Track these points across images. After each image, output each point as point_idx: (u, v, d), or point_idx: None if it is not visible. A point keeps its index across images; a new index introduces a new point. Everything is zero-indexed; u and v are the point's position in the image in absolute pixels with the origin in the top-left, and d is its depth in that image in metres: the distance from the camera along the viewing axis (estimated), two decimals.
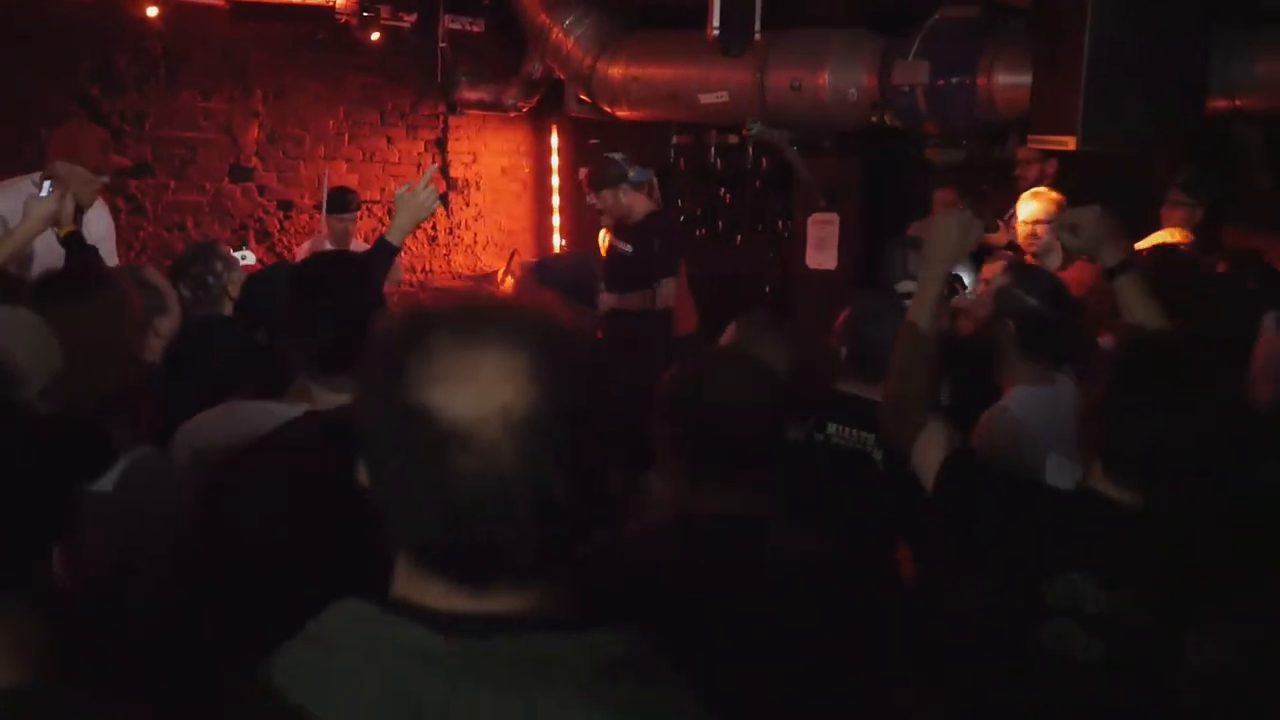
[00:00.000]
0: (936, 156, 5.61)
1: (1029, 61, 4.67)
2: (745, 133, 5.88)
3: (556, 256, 4.75)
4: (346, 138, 7.21)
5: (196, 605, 1.83)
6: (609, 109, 6.66)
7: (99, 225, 4.21)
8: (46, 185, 3.88)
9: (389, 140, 7.43)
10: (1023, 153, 5.41)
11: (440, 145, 7.69)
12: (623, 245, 5.38)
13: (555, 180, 8.16)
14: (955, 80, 4.96)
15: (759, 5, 5.12)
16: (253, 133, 6.79)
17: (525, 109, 7.67)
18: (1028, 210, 4.55)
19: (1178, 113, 4.37)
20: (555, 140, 8.10)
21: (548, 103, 7.59)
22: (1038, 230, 4.46)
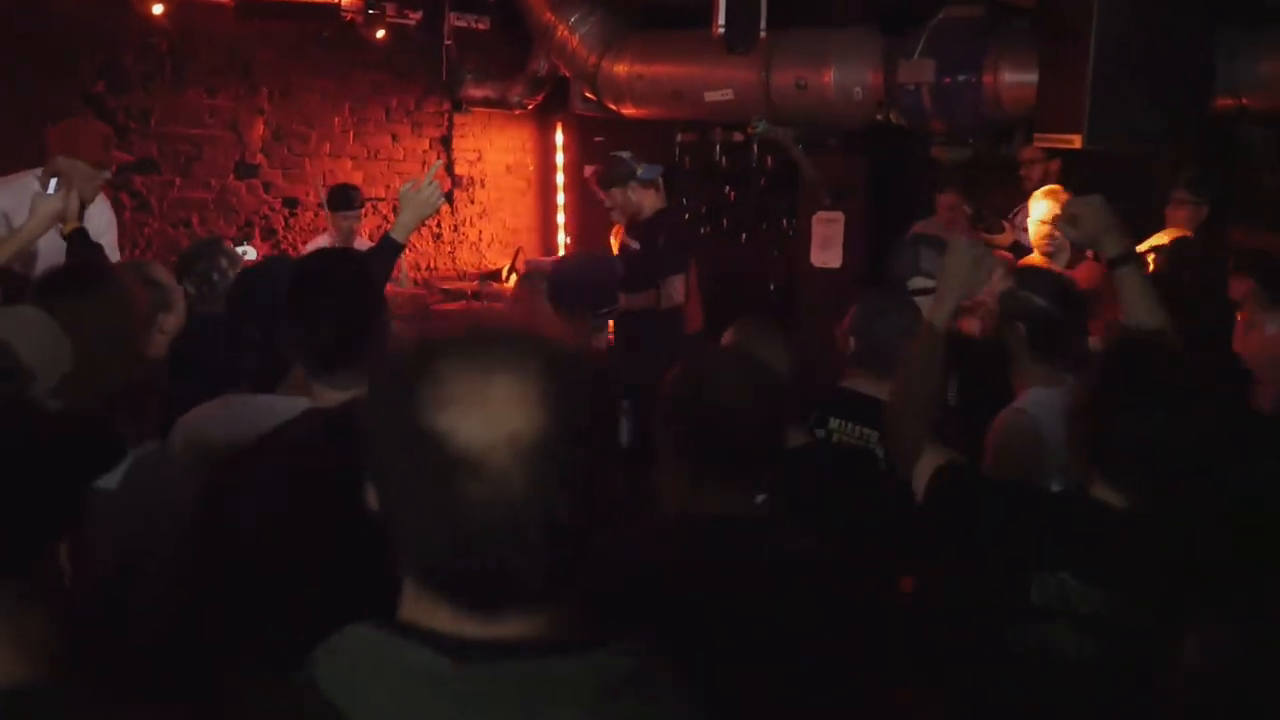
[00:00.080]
0: (942, 155, 5.59)
1: (1035, 60, 4.66)
2: (750, 131, 5.87)
3: (574, 256, 4.71)
4: (352, 135, 7.21)
5: (198, 605, 1.83)
6: (614, 107, 6.65)
7: (100, 220, 4.20)
8: (53, 183, 3.88)
9: (394, 138, 7.43)
10: (1027, 153, 5.40)
11: (445, 143, 7.70)
12: (632, 243, 5.36)
13: (560, 178, 8.15)
14: (961, 78, 4.95)
15: (764, 3, 5.12)
16: (258, 130, 6.79)
17: (530, 107, 7.66)
18: (1042, 209, 4.52)
19: (1184, 111, 4.36)
20: (560, 138, 8.10)
21: (553, 100, 7.59)
22: (1054, 230, 4.44)
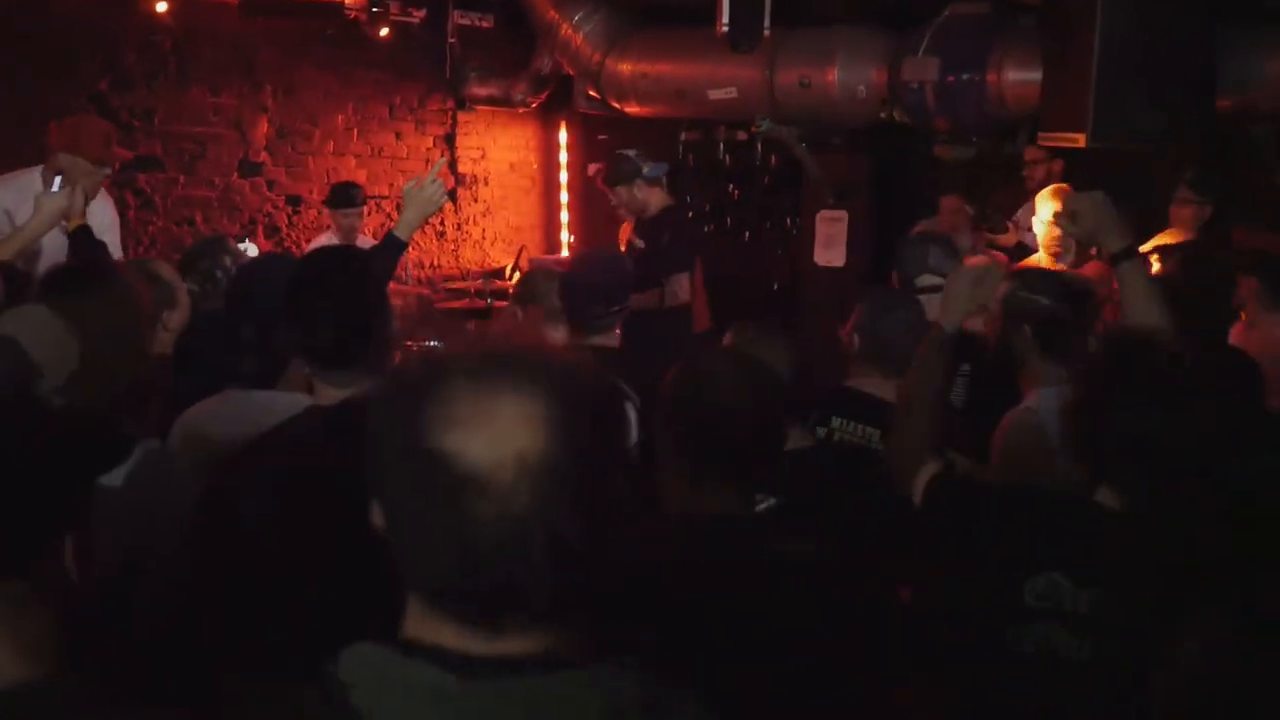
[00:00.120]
0: (946, 153, 5.57)
1: (1039, 58, 4.65)
2: (754, 129, 5.86)
3: (587, 253, 4.70)
4: (355, 133, 7.21)
5: (198, 606, 1.83)
6: (618, 105, 6.65)
7: (103, 217, 4.20)
8: (57, 180, 3.88)
9: (397, 136, 7.43)
10: (1030, 153, 5.39)
11: (449, 141, 7.69)
12: (638, 241, 5.35)
13: (564, 176, 8.14)
14: (965, 77, 4.94)
15: (768, 1, 5.11)
16: (262, 128, 6.80)
17: (534, 105, 7.66)
18: (1047, 210, 4.49)
19: (1188, 110, 4.35)
20: (564, 136, 8.09)
21: (556, 99, 7.58)
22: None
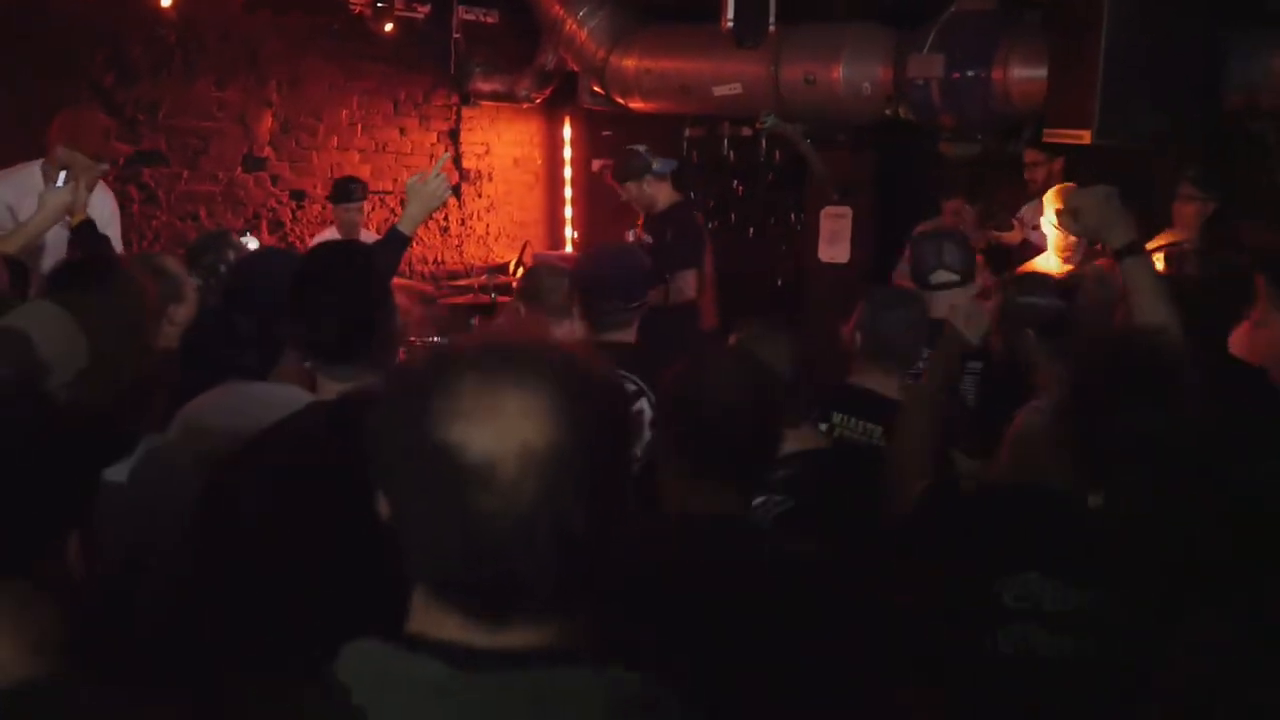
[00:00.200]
0: (951, 150, 5.56)
1: (1045, 55, 4.64)
2: (758, 126, 5.85)
3: (602, 248, 4.70)
4: (359, 128, 7.20)
5: (199, 603, 1.83)
6: (622, 101, 6.64)
7: (103, 210, 4.20)
8: (62, 175, 3.88)
9: (402, 131, 7.43)
10: (1030, 155, 5.38)
11: (453, 136, 7.69)
12: (646, 238, 5.36)
13: (568, 172, 8.14)
14: (970, 73, 4.93)
15: None
16: (266, 123, 6.79)
17: (538, 100, 7.65)
18: (1053, 212, 4.47)
19: (1191, 111, 4.34)
20: (568, 132, 8.09)
21: (561, 94, 7.58)
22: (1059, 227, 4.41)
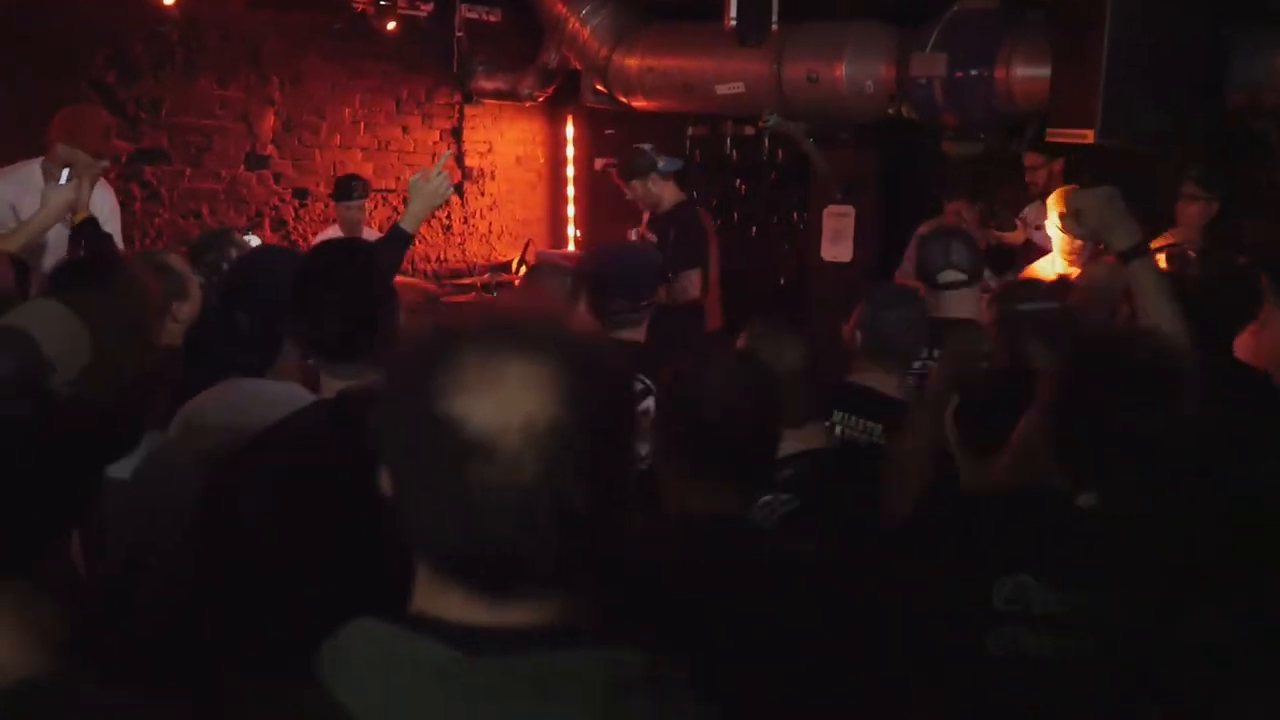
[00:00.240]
0: (953, 149, 5.55)
1: (1048, 54, 4.63)
2: (761, 124, 5.84)
3: (613, 245, 4.69)
4: (362, 126, 7.21)
5: (199, 602, 1.83)
6: (625, 100, 6.63)
7: (103, 207, 4.20)
8: (65, 173, 3.88)
9: (404, 129, 7.43)
10: (1028, 159, 5.38)
11: (456, 134, 7.69)
12: (651, 236, 5.35)
13: (570, 170, 8.14)
14: (973, 72, 4.92)
15: None
16: (269, 121, 6.80)
17: (541, 99, 7.65)
18: (1056, 216, 4.45)
19: (1194, 111, 4.33)
20: (571, 130, 8.09)
21: (563, 93, 7.57)
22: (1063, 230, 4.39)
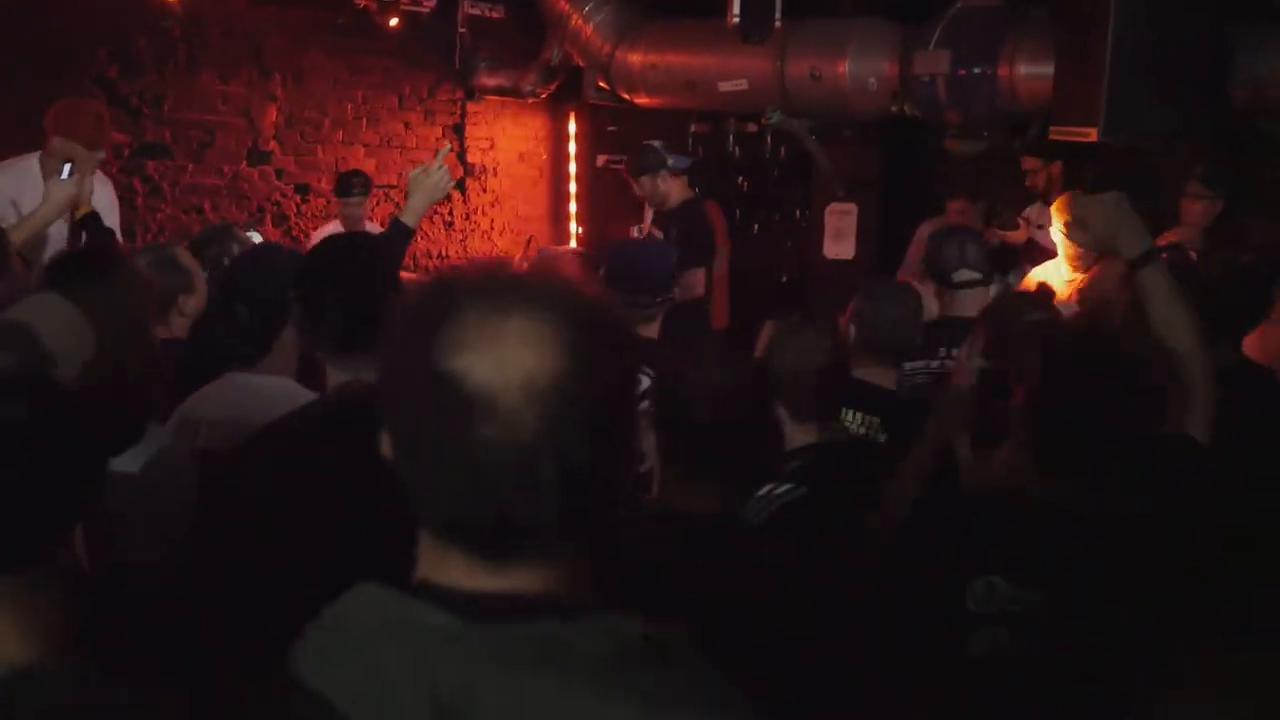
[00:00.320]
0: (956, 147, 5.54)
1: (1051, 52, 4.62)
2: (764, 121, 5.83)
3: (630, 241, 4.72)
4: (364, 122, 7.21)
5: (199, 600, 1.83)
6: (627, 96, 6.63)
7: (102, 201, 4.19)
8: (66, 168, 3.88)
9: (406, 125, 7.42)
10: (1027, 162, 5.38)
11: (458, 131, 7.68)
12: (657, 233, 5.36)
13: (572, 167, 8.14)
14: (977, 70, 4.91)
15: None
16: (271, 116, 6.79)
17: (543, 95, 7.64)
18: (1062, 220, 4.42)
19: (1199, 109, 4.32)
20: (573, 127, 8.08)
21: (566, 89, 7.56)
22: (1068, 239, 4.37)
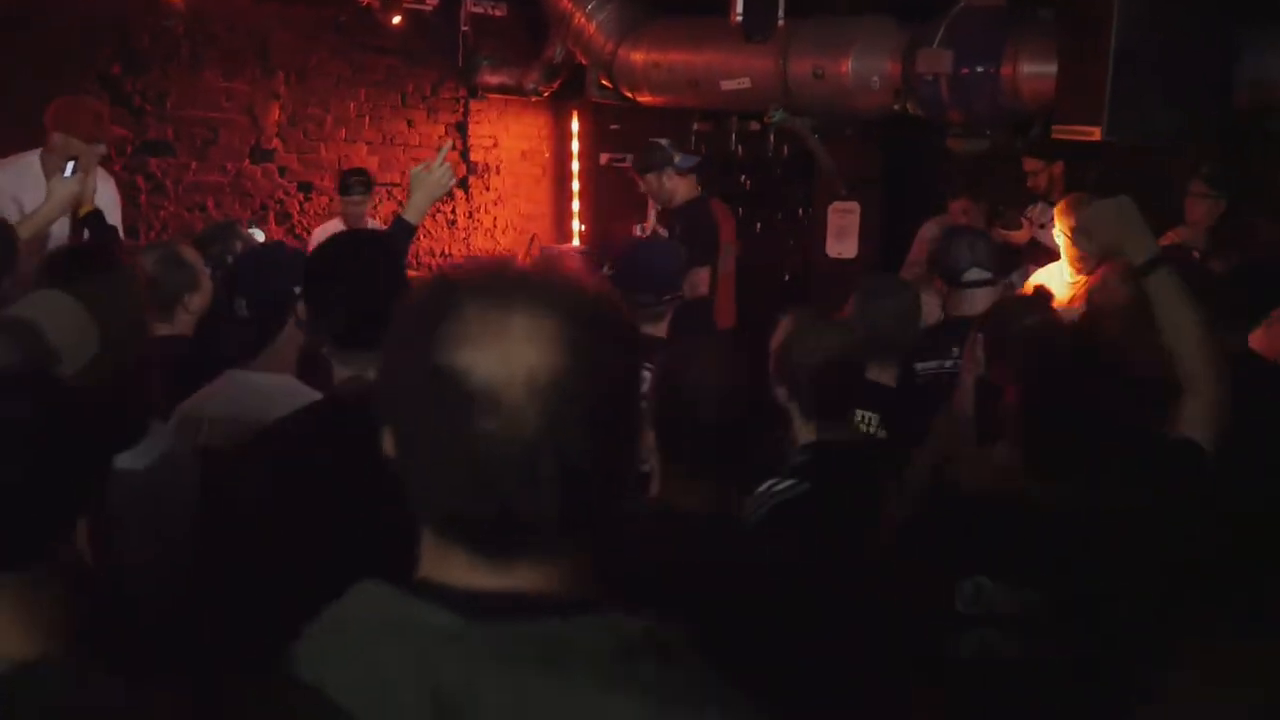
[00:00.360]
0: (959, 146, 5.54)
1: (1054, 51, 4.62)
2: (767, 120, 5.83)
3: (640, 240, 4.73)
4: (367, 120, 7.21)
5: (202, 596, 1.83)
6: (630, 95, 6.63)
7: (104, 198, 4.20)
8: (69, 166, 3.88)
9: (409, 123, 7.43)
10: (1028, 164, 5.37)
11: (461, 129, 7.68)
12: (662, 231, 5.36)
13: (575, 165, 8.13)
14: (979, 69, 4.90)
15: None
16: (274, 114, 6.80)
17: (546, 94, 7.64)
18: (1066, 223, 4.40)
19: (1205, 109, 4.32)
20: (576, 125, 8.07)
21: (569, 88, 7.56)
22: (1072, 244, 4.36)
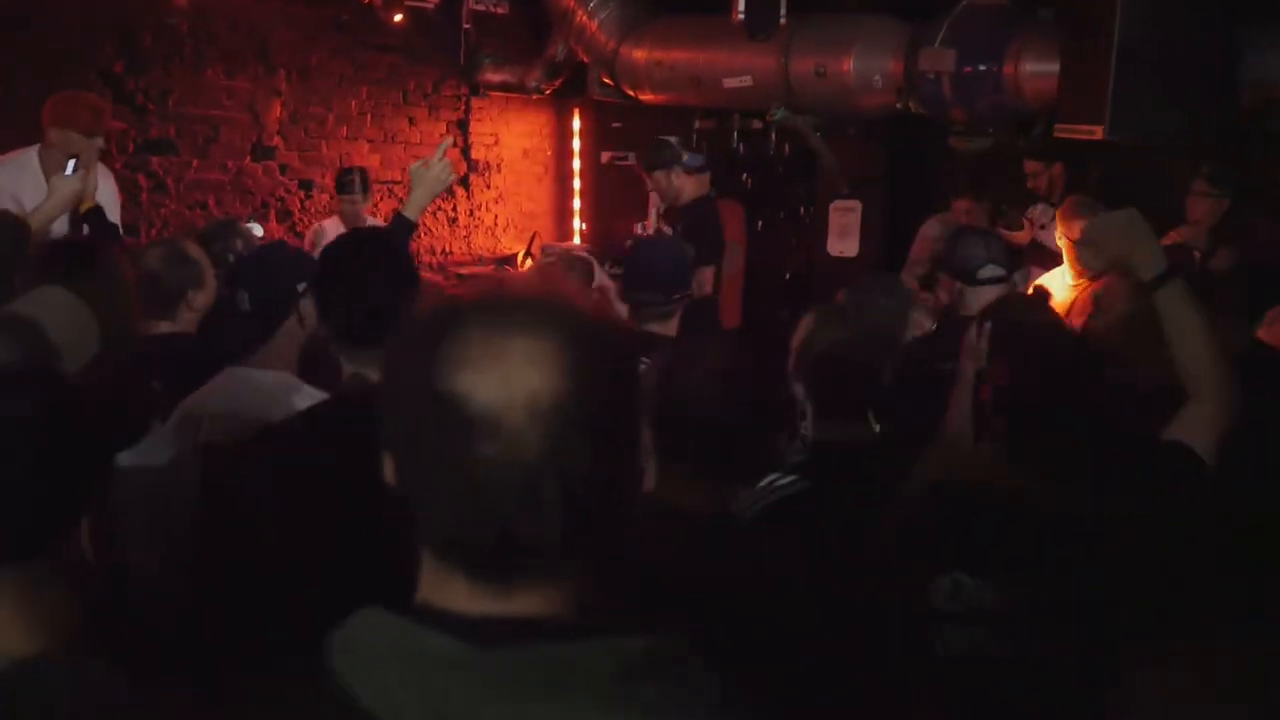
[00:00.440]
0: (961, 144, 5.55)
1: (1057, 50, 4.61)
2: (769, 118, 5.83)
3: (647, 239, 4.75)
4: (369, 118, 7.21)
5: (203, 594, 1.83)
6: (632, 93, 6.63)
7: (104, 194, 4.20)
8: (71, 164, 3.88)
9: (411, 121, 7.43)
10: (1028, 166, 5.37)
11: (462, 126, 7.68)
12: (666, 229, 5.35)
13: (577, 164, 8.14)
14: (982, 68, 4.90)
15: None
16: (275, 112, 6.79)
17: (548, 92, 7.64)
18: (1068, 227, 4.40)
19: (1208, 109, 4.31)
20: (577, 123, 8.08)
21: (570, 86, 7.56)
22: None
